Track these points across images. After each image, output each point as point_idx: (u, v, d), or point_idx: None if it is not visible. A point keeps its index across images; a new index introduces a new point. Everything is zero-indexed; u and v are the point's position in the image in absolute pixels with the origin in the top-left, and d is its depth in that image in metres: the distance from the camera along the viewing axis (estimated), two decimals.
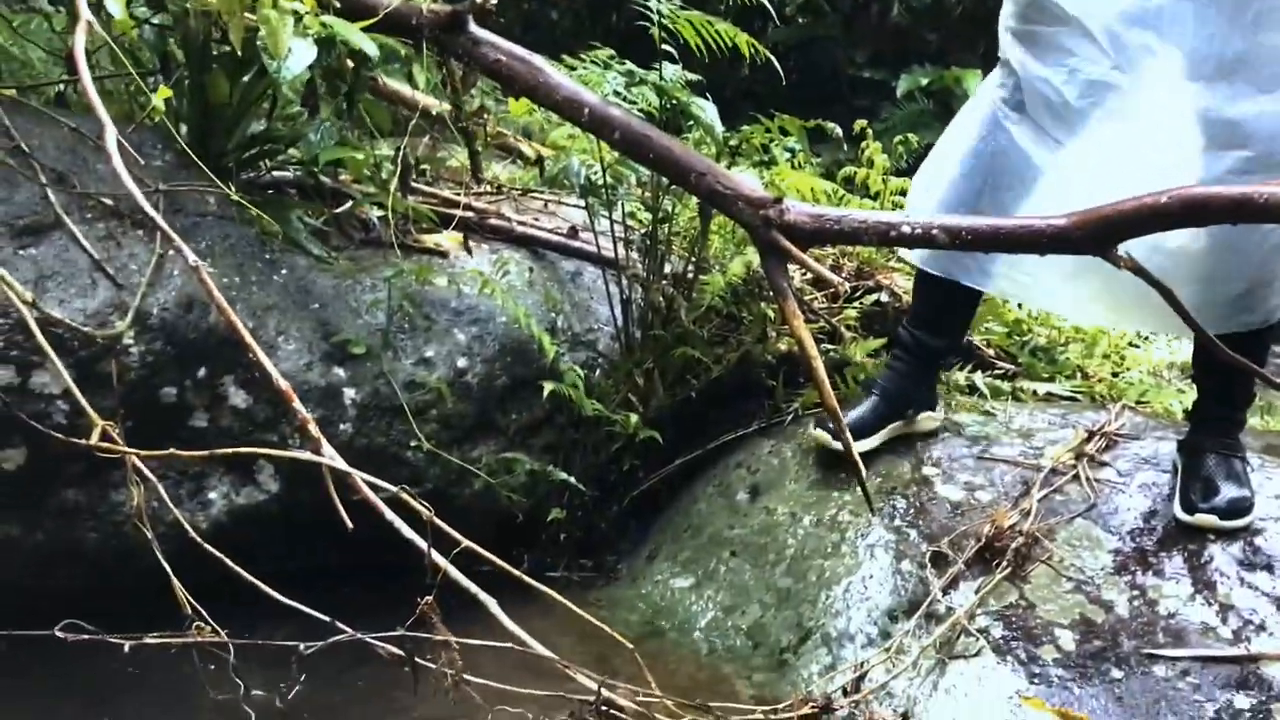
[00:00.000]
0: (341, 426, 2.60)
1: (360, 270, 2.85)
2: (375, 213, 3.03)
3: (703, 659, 2.48)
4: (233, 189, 2.61)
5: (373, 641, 1.96)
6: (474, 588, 1.93)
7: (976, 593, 2.36)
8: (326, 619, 2.00)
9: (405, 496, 1.88)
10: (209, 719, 2.09)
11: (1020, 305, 3.43)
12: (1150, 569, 2.38)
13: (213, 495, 2.53)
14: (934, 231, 2.27)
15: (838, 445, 2.65)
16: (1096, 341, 3.63)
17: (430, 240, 3.02)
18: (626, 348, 2.96)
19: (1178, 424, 2.88)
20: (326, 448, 1.93)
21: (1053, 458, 2.69)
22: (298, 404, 1.94)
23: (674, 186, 2.82)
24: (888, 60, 7.08)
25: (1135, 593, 2.34)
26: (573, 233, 3.24)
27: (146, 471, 2.09)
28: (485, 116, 3.12)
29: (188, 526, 2.11)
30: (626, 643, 1.96)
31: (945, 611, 2.34)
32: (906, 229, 2.29)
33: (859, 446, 2.65)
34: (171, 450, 2.02)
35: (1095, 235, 2.20)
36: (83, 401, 2.18)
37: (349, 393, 2.65)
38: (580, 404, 2.79)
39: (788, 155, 3.05)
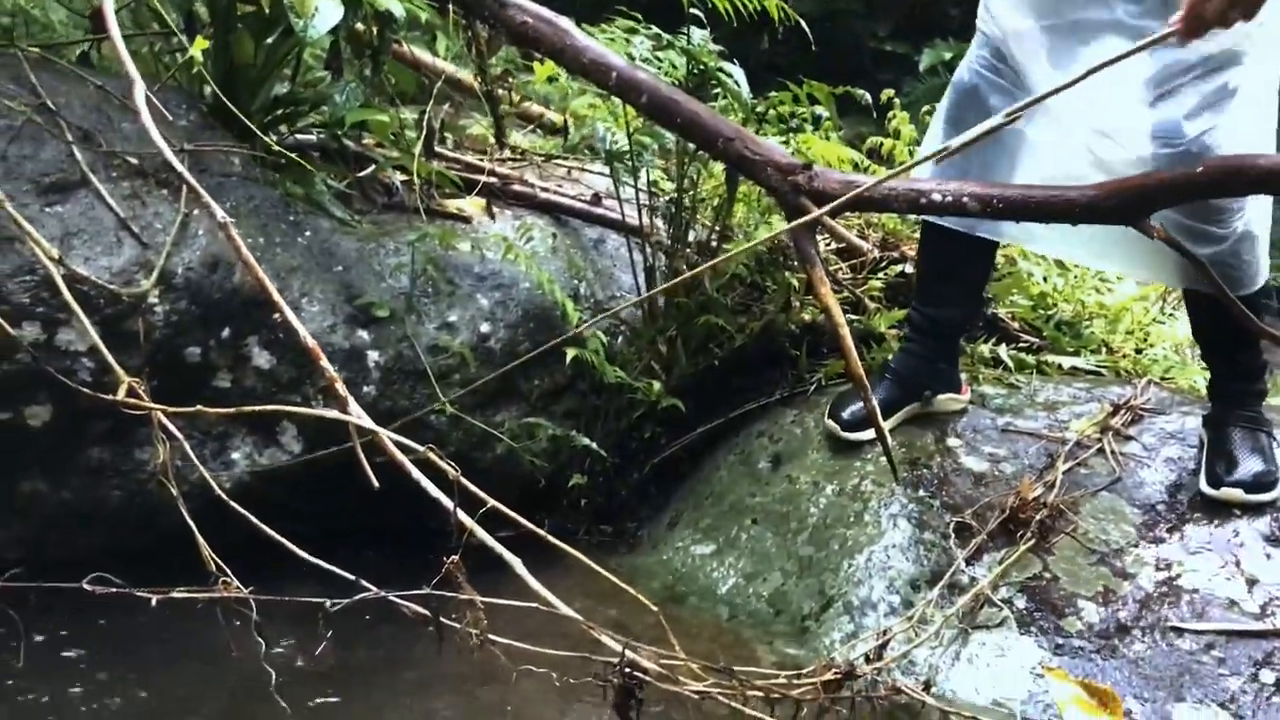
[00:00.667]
0: (365, 389, 2.60)
1: (383, 234, 2.85)
2: (398, 177, 3.03)
3: (724, 625, 2.47)
4: (258, 149, 2.61)
5: (397, 601, 1.96)
6: (499, 547, 1.93)
7: (1000, 564, 2.35)
8: (351, 577, 2.01)
9: (433, 456, 1.88)
10: (233, 676, 2.10)
11: (1045, 279, 3.41)
12: (1175, 543, 2.37)
13: (235, 456, 2.53)
14: (964, 199, 2.25)
15: (849, 436, 2.65)
16: (1119, 318, 3.60)
17: (453, 205, 3.01)
18: (649, 315, 2.95)
19: (1204, 399, 2.85)
20: (353, 406, 1.93)
21: (1078, 431, 2.68)
22: (325, 362, 1.94)
23: (699, 154, 2.81)
24: (910, 34, 7.02)
25: (1160, 566, 2.32)
26: (596, 200, 3.23)
27: (172, 428, 2.10)
28: (509, 81, 3.10)
29: (213, 483, 2.11)
30: (651, 605, 1.96)
31: (968, 582, 2.34)
32: (937, 196, 2.27)
33: (866, 434, 2.64)
34: (198, 407, 2.02)
35: (1127, 206, 2.19)
36: (109, 358, 2.19)
37: (372, 355, 2.64)
38: (602, 370, 2.78)
39: (812, 126, 3.02)
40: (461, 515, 1.90)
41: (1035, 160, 2.42)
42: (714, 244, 2.95)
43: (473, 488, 1.91)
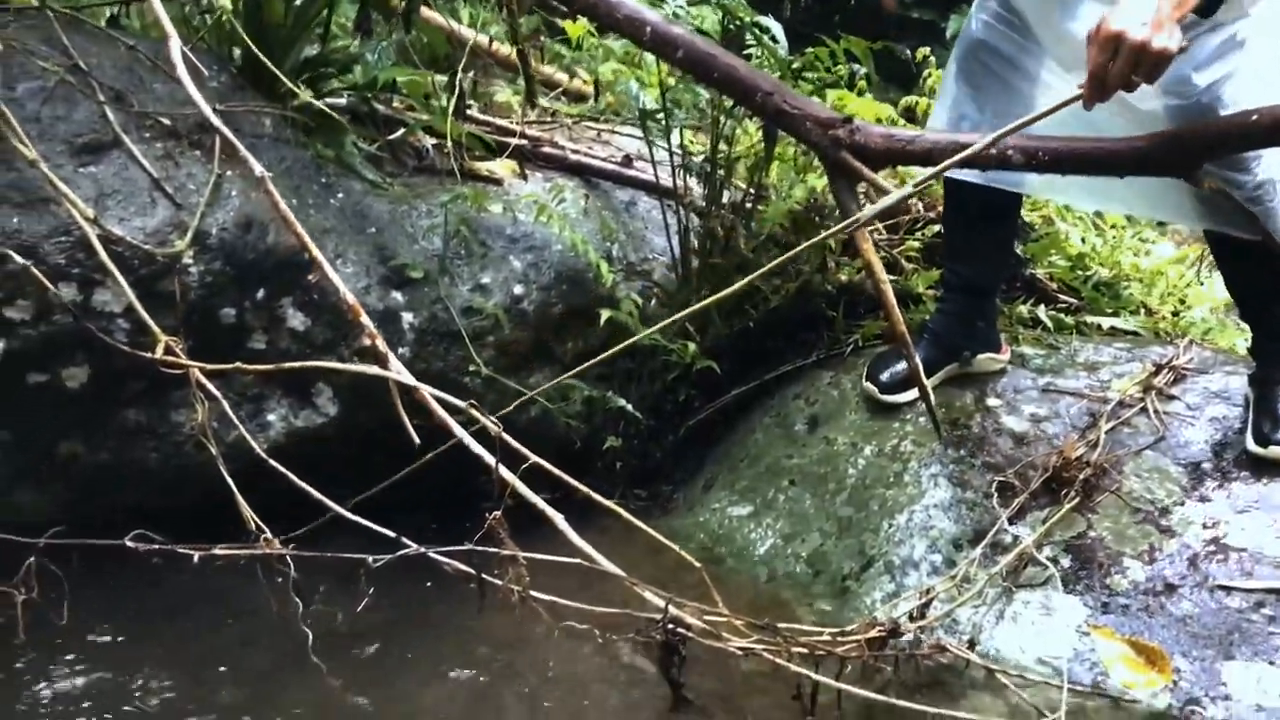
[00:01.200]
0: (400, 350, 2.58)
1: (415, 196, 2.82)
2: (429, 140, 3.00)
3: (762, 586, 2.46)
4: (289, 110, 2.58)
5: (438, 558, 1.96)
6: (541, 502, 1.92)
7: (1043, 523, 2.32)
8: (392, 535, 2.00)
9: (475, 412, 1.86)
10: (273, 634, 2.09)
11: (1083, 240, 3.36)
12: (1222, 501, 2.33)
13: (271, 417, 2.52)
14: (1009, 152, 2.21)
15: (887, 398, 2.63)
16: (1154, 282, 3.56)
17: (484, 168, 2.99)
18: (683, 277, 2.92)
19: (1248, 359, 2.81)
20: (394, 362, 1.92)
21: (1120, 390, 2.64)
22: (365, 318, 1.92)
23: (734, 111, 2.78)
24: (935, 1, 6.94)
25: (1207, 524, 2.29)
26: (627, 161, 3.20)
27: (210, 386, 2.09)
28: (540, 40, 3.07)
29: (251, 441, 2.10)
30: (694, 561, 1.95)
31: (1011, 541, 2.31)
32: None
33: (905, 396, 2.62)
34: (236, 364, 2.01)
35: (1177, 157, 2.15)
36: (145, 317, 2.18)
37: (407, 317, 2.63)
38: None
39: (847, 85, 2.97)
40: (503, 471, 1.88)
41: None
42: (749, 204, 2.92)
43: (514, 443, 1.90)
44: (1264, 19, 2.21)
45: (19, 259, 2.14)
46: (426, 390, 1.91)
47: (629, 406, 2.76)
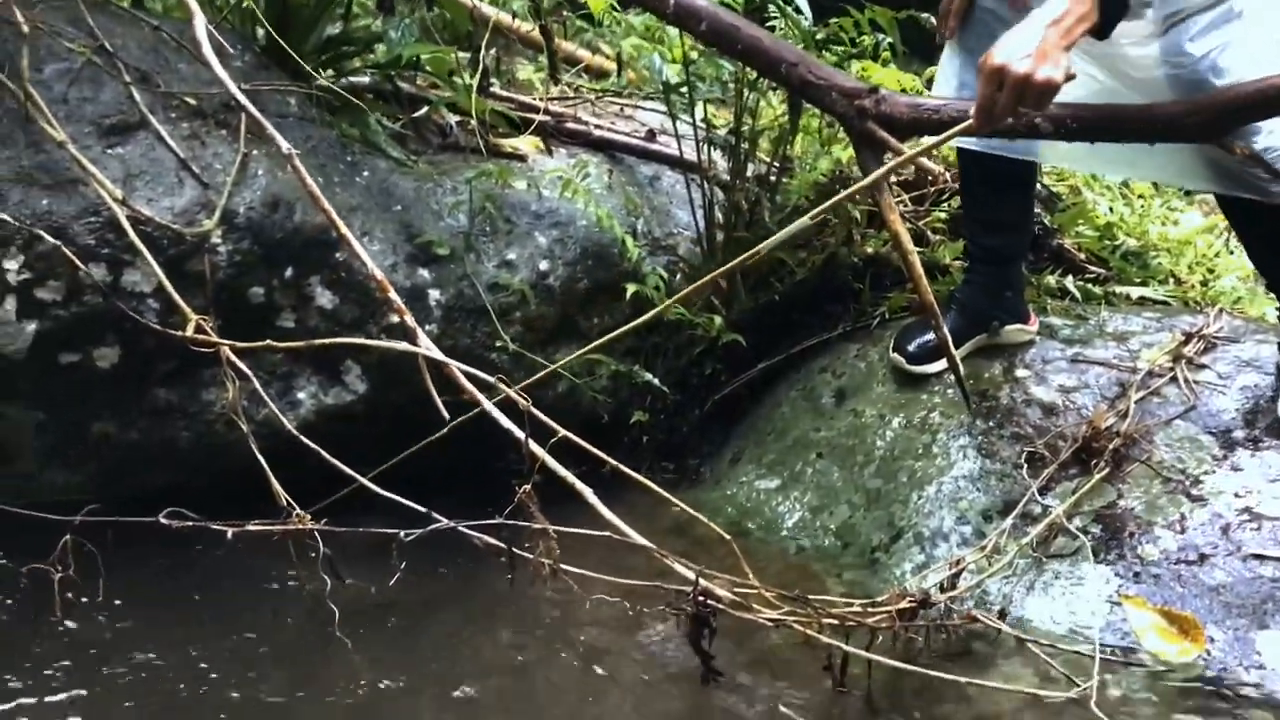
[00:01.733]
0: (427, 327, 2.58)
1: (440, 174, 2.83)
2: (452, 117, 3.00)
3: (791, 558, 2.46)
4: (313, 90, 2.59)
5: (468, 532, 1.97)
6: (570, 476, 1.92)
7: (1073, 493, 2.31)
8: (422, 509, 2.01)
9: (502, 386, 1.87)
10: (304, 614, 2.11)
11: (1110, 209, 3.33)
12: (1254, 470, 2.31)
13: (301, 395, 2.53)
14: (1038, 120, 2.18)
15: (915, 369, 2.62)
16: (1183, 251, 3.52)
17: (508, 144, 2.99)
18: (708, 251, 2.91)
19: (1279, 327, 2.79)
20: (422, 338, 1.93)
21: (1149, 360, 2.62)
22: (393, 293, 1.93)
23: (758, 84, 2.76)
24: None
25: (1239, 493, 2.27)
26: (650, 136, 3.19)
27: (241, 365, 2.10)
28: (563, 15, 3.05)
29: (282, 418, 2.12)
30: (723, 533, 1.95)
31: (1041, 511, 2.30)
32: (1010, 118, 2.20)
33: (933, 367, 2.61)
34: (267, 341, 2.02)
35: (1209, 122, 2.13)
36: (175, 297, 2.20)
37: (434, 294, 2.64)
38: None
39: (870, 55, 2.95)
40: (532, 445, 1.89)
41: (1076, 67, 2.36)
42: (773, 177, 2.90)
43: (543, 417, 1.90)
44: None
45: (50, 239, 2.16)
46: (455, 365, 1.91)
47: (655, 381, 2.76)
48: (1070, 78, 1.98)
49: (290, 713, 1.85)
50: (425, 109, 2.92)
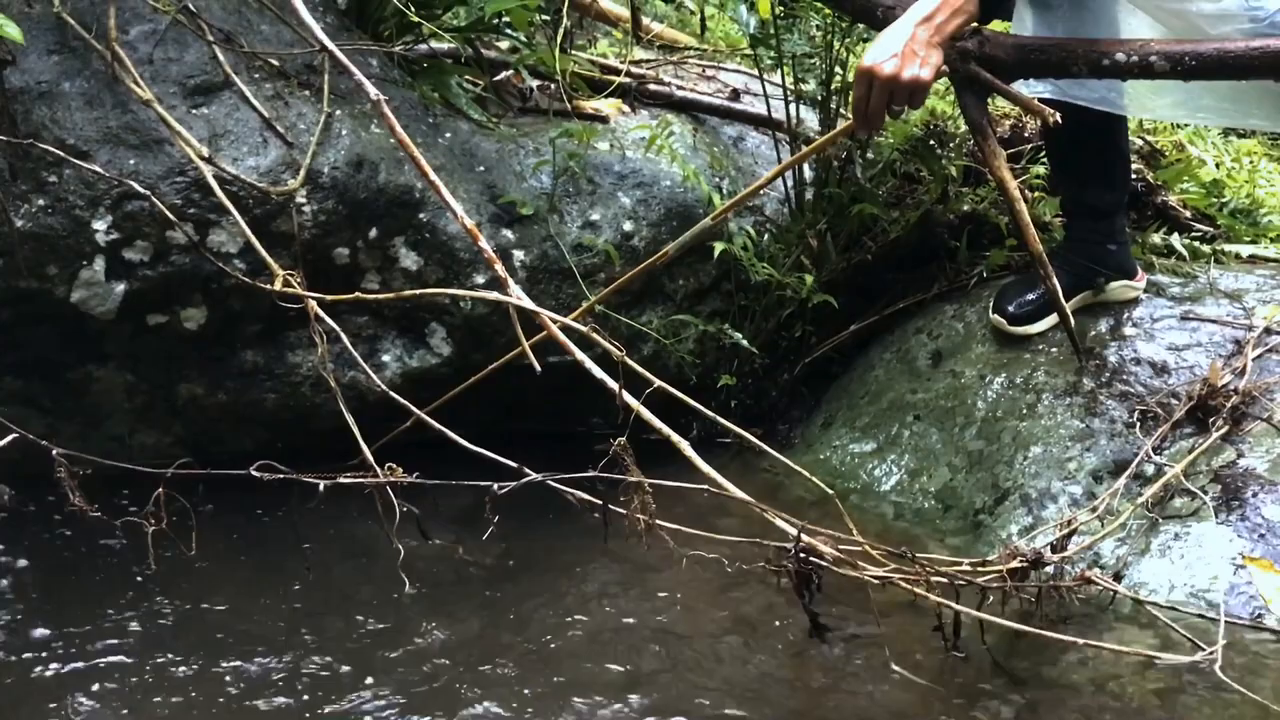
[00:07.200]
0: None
1: (522, 135, 2.78)
2: (533, 81, 2.96)
3: (890, 522, 2.38)
4: (395, 49, 2.55)
5: (560, 488, 1.91)
6: (665, 428, 1.86)
7: (1189, 452, 2.20)
8: (514, 465, 1.96)
9: (596, 336, 1.81)
10: (394, 573, 2.07)
11: (1217, 166, 3.19)
12: None
13: (386, 358, 2.51)
14: (1152, 59, 2.09)
15: (1017, 330, 2.52)
16: None
17: (590, 105, 2.94)
18: (797, 209, 2.83)
19: None
20: (513, 287, 1.87)
21: (1265, 317, 2.49)
22: (483, 241, 1.88)
23: (851, 31, 2.67)
24: None
25: None
26: (735, 95, 3.11)
27: (329, 320, 2.07)
28: None
29: (373, 375, 2.08)
30: (826, 488, 1.87)
31: (1155, 471, 2.19)
32: (1121, 57, 2.10)
33: (1035, 327, 2.52)
34: (356, 294, 1.98)
35: None
36: (263, 254, 2.17)
37: (518, 254, 2.59)
38: (751, 267, 2.69)
39: None
40: (627, 396, 1.83)
41: (1139, 20, 2.26)
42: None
43: (637, 366, 1.84)
44: None
45: (142, 191, 2.14)
46: (546, 315, 1.86)
47: (744, 342, 2.68)
48: (941, 74, 2.01)
49: (369, 661, 1.82)
50: (508, 71, 2.88)
